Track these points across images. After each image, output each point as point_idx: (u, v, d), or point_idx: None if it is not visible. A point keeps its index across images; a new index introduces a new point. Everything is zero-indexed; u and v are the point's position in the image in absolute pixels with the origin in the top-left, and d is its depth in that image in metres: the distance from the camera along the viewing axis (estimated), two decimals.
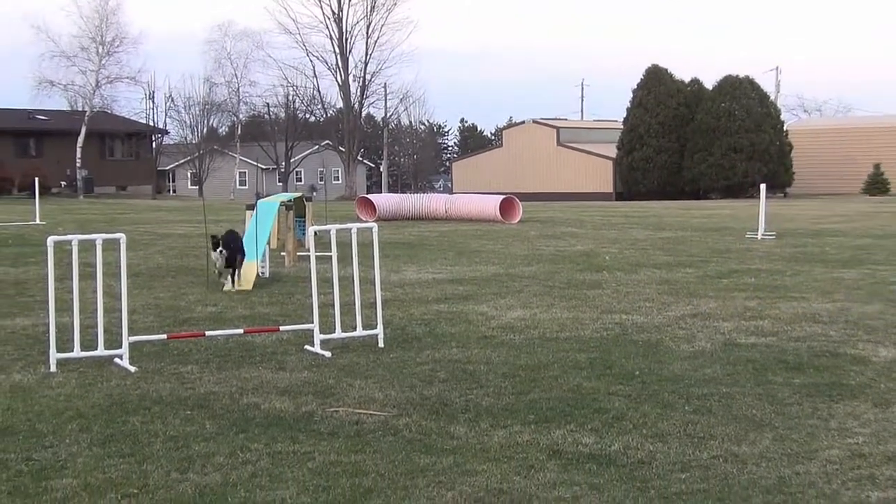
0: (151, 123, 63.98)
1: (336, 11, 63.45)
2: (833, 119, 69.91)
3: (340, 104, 66.31)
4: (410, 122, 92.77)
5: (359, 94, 64.99)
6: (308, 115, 73.45)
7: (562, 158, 61.44)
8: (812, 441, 5.64)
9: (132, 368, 7.55)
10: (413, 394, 6.78)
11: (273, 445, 5.55)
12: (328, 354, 8.09)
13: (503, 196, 26.84)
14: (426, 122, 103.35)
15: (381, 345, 8.44)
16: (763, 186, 22.41)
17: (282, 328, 8.98)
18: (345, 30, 63.57)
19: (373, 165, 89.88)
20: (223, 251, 11.41)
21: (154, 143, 64.96)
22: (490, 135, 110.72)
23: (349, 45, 63.84)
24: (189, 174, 74.60)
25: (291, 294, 11.73)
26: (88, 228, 22.20)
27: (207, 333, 8.67)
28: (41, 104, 55.95)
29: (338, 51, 63.68)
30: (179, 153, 71.13)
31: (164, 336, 8.57)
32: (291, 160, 71.75)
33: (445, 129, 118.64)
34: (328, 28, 63.67)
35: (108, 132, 58.19)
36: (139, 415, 6.25)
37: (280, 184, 70.42)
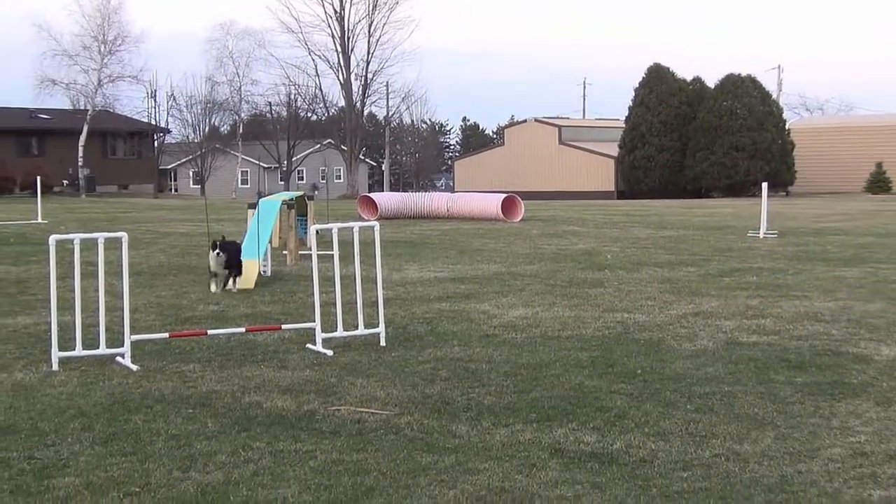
0: (153, 122, 63.93)
1: (338, 10, 63.52)
2: (835, 118, 69.82)
3: (342, 103, 66.39)
4: (412, 121, 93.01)
5: (361, 93, 65.04)
6: (310, 114, 73.56)
7: (563, 157, 61.43)
8: (814, 440, 5.64)
9: (134, 367, 7.56)
10: (415, 392, 6.78)
11: (275, 444, 5.56)
12: (330, 353, 8.10)
13: (505, 195, 26.83)
14: (428, 121, 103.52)
15: (383, 343, 8.44)
16: (765, 185, 22.41)
17: (284, 327, 8.99)
18: (347, 28, 63.63)
19: (375, 164, 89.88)
20: (220, 253, 11.40)
21: (156, 142, 64.96)
22: (492, 133, 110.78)
23: (351, 44, 63.92)
24: (191, 173, 74.64)
25: (293, 293, 11.74)
26: (90, 227, 22.20)
27: (209, 332, 8.68)
28: (43, 103, 56.06)
29: (340, 49, 63.74)
30: (181, 152, 71.16)
31: (166, 335, 8.58)
32: (293, 159, 71.80)
33: (447, 128, 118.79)
34: (330, 27, 63.75)
35: (110, 131, 58.18)
36: (141, 413, 6.26)
37: (282, 182, 70.42)
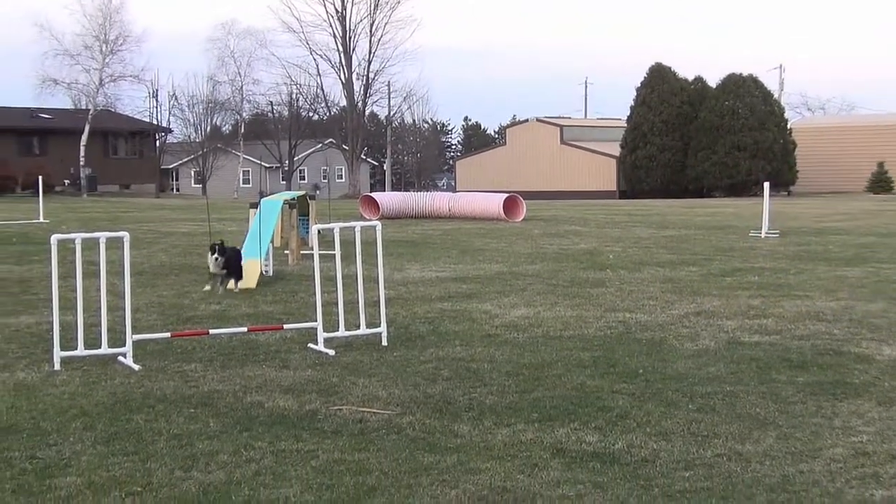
0: (155, 122, 63.94)
1: (340, 10, 63.54)
2: (837, 117, 69.77)
3: (344, 102, 66.41)
4: (414, 121, 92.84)
5: (362, 93, 65.08)
6: (311, 114, 73.53)
7: (565, 157, 61.43)
8: (816, 439, 5.64)
9: (136, 367, 7.56)
10: (417, 392, 6.78)
11: (277, 444, 5.56)
12: (332, 353, 8.10)
13: (507, 194, 26.84)
14: (430, 121, 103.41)
15: (385, 343, 8.44)
16: (766, 185, 22.40)
17: (285, 326, 8.99)
18: (348, 28, 63.66)
19: (376, 164, 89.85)
20: (218, 258, 11.30)
21: (157, 142, 64.99)
22: (493, 133, 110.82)
23: (353, 44, 63.94)
24: (192, 173, 74.60)
25: (295, 292, 11.74)
26: (92, 227, 22.20)
27: (211, 332, 8.69)
28: (45, 102, 56.13)
29: (341, 49, 63.75)
30: (183, 152, 71.15)
31: (168, 334, 8.58)
32: (295, 158, 71.75)
33: (449, 128, 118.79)
34: (332, 26, 63.78)
35: (112, 131, 58.22)
36: (143, 413, 6.26)
37: (283, 182, 70.40)
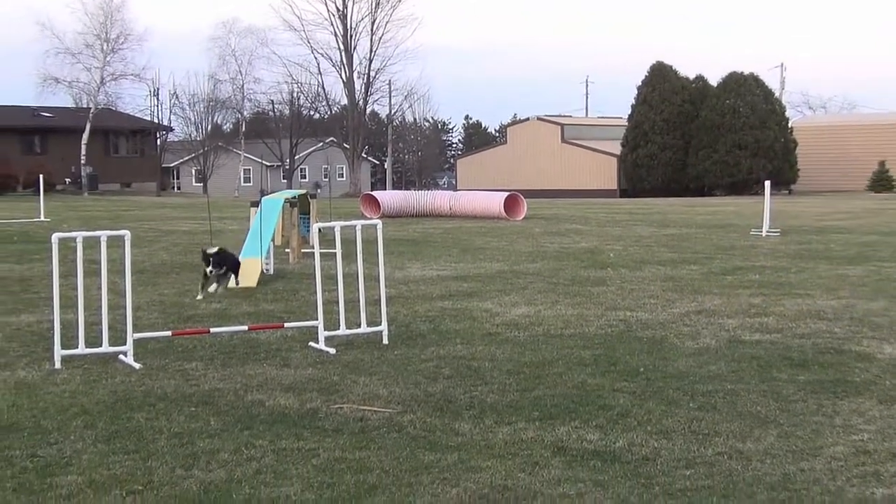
0: (156, 120, 63.91)
1: (341, 8, 63.46)
2: (838, 116, 69.70)
3: (345, 101, 66.32)
4: (415, 119, 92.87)
5: (363, 91, 65.02)
6: (312, 112, 73.44)
7: (566, 155, 61.40)
8: (817, 438, 5.64)
9: (137, 365, 7.57)
10: (417, 390, 6.78)
11: (277, 442, 5.56)
12: (332, 351, 8.10)
13: (507, 193, 26.83)
14: (431, 119, 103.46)
15: (386, 341, 8.45)
16: (767, 183, 22.38)
17: (286, 325, 8.99)
18: (349, 27, 63.58)
19: (377, 162, 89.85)
20: (213, 270, 11.07)
21: (158, 140, 64.99)
22: (494, 132, 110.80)
23: (354, 42, 63.84)
24: (193, 171, 74.55)
25: (296, 291, 11.74)
26: (93, 225, 22.22)
27: (212, 330, 8.70)
28: (46, 101, 56.08)
29: (342, 48, 63.68)
30: (184, 150, 71.14)
31: (169, 333, 8.57)
32: (296, 157, 71.74)
33: (450, 126, 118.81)
34: (333, 25, 63.72)
35: (113, 129, 58.23)
36: (144, 411, 6.26)
37: (284, 181, 70.37)
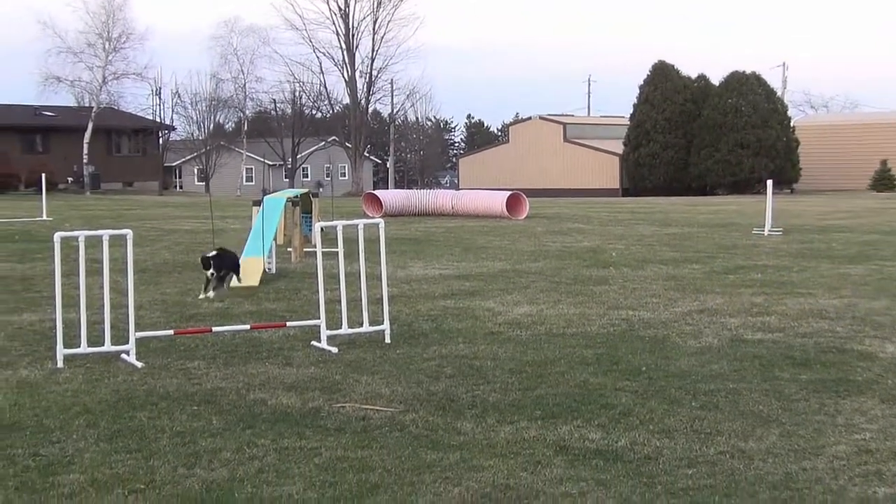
0: (158, 119, 63.92)
1: (342, 7, 63.47)
2: (840, 115, 69.62)
3: (347, 100, 66.29)
4: (417, 119, 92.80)
5: (365, 90, 65.01)
6: (314, 112, 73.44)
7: (568, 154, 61.36)
8: (819, 437, 5.63)
9: (139, 364, 7.57)
10: (420, 389, 6.78)
11: (280, 441, 5.56)
12: (335, 350, 8.10)
13: (510, 192, 26.84)
14: (433, 119, 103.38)
15: (388, 340, 8.45)
16: (769, 182, 22.35)
17: (288, 324, 8.99)
18: (351, 26, 63.58)
19: (379, 161, 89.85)
20: (214, 273, 10.98)
21: (161, 140, 64.98)
22: (496, 131, 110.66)
23: (356, 41, 63.84)
24: (195, 170, 74.56)
25: (298, 290, 11.74)
26: (95, 224, 22.22)
27: (214, 329, 8.70)
28: (48, 100, 56.10)
29: (344, 47, 63.68)
30: (186, 149, 71.19)
31: (171, 332, 8.58)
32: (298, 156, 71.72)
33: (452, 126, 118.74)
34: (335, 24, 63.71)
35: (115, 128, 58.22)
36: (146, 410, 6.27)
37: (286, 180, 70.36)
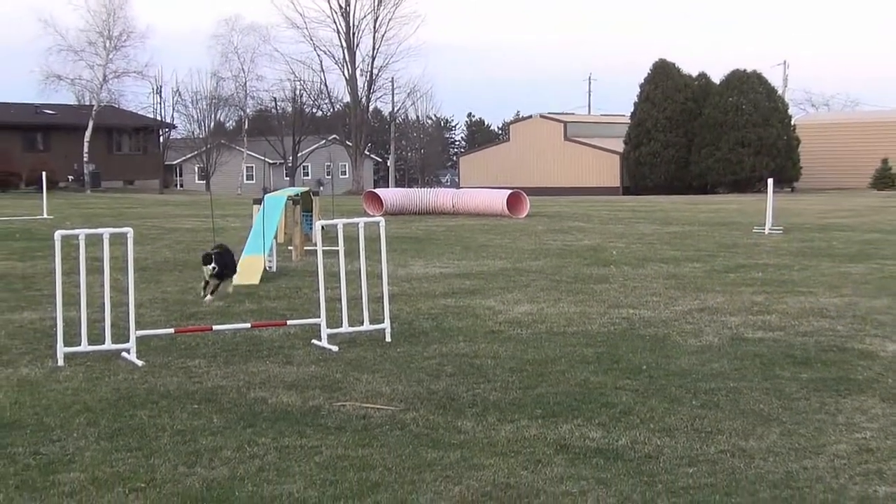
0: (159, 118, 63.89)
1: (343, 6, 63.40)
2: (841, 113, 69.65)
3: (347, 98, 66.25)
4: (418, 117, 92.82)
5: (366, 89, 64.95)
6: (315, 110, 73.43)
7: (569, 153, 61.37)
8: (820, 436, 5.63)
9: (139, 362, 7.57)
10: (420, 388, 6.78)
11: (280, 439, 5.56)
12: (335, 349, 8.10)
13: (510, 191, 26.83)
14: (433, 117, 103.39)
15: (389, 339, 8.44)
16: (770, 181, 22.35)
17: (289, 322, 8.98)
18: (352, 24, 63.54)
19: (380, 160, 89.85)
20: (215, 267, 10.76)
21: (161, 138, 64.96)
22: (497, 129, 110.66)
23: (356, 40, 63.79)
24: (196, 169, 74.59)
25: (298, 288, 11.74)
26: (96, 223, 22.16)
27: (215, 328, 8.70)
28: (48, 98, 56.08)
29: (345, 45, 63.64)
30: (187, 148, 71.19)
31: (172, 330, 8.58)
32: (298, 154, 71.72)
33: (452, 124, 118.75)
34: (335, 22, 63.65)
35: (116, 127, 58.21)
36: (147, 409, 6.27)
37: (287, 178, 70.38)
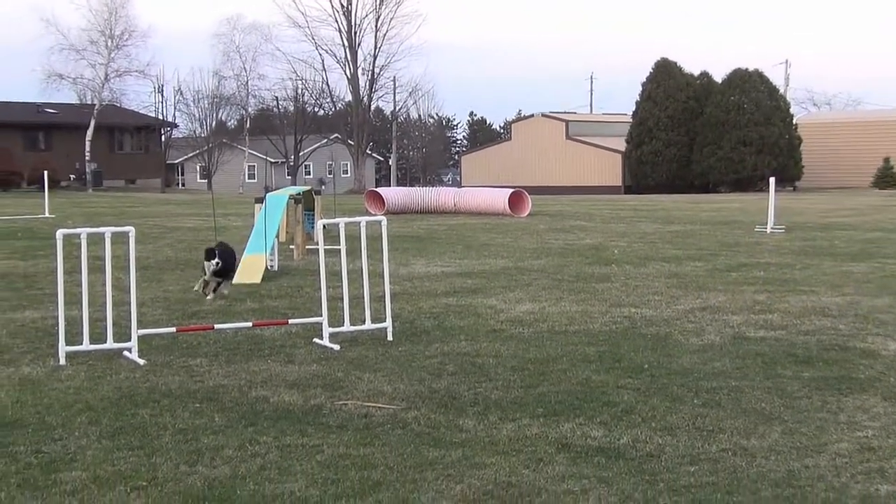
0: (160, 117, 63.89)
1: (345, 5, 63.34)
2: (842, 112, 69.61)
3: (349, 97, 66.20)
4: (419, 116, 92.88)
5: (368, 88, 64.89)
6: (317, 109, 73.41)
7: (571, 152, 61.36)
8: (821, 434, 5.63)
9: (141, 361, 7.57)
10: (422, 387, 6.78)
11: (282, 438, 5.56)
12: (337, 347, 8.10)
13: (512, 189, 26.82)
14: (435, 116, 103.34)
15: (390, 338, 8.44)
16: (772, 180, 22.33)
17: (291, 321, 8.98)
18: (354, 23, 63.47)
19: (382, 159, 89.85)
20: (219, 262, 10.62)
21: (163, 137, 64.96)
22: (499, 128, 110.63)
23: (358, 39, 63.73)
24: (198, 168, 74.60)
25: (300, 287, 11.74)
26: (97, 222, 22.15)
27: (216, 326, 8.70)
28: (50, 97, 56.05)
29: (347, 44, 63.58)
30: (188, 147, 71.18)
31: (173, 329, 8.58)
32: (300, 153, 71.72)
33: (454, 123, 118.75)
34: (337, 21, 63.58)
35: (118, 126, 58.22)
36: (148, 408, 6.27)
37: (289, 177, 70.36)
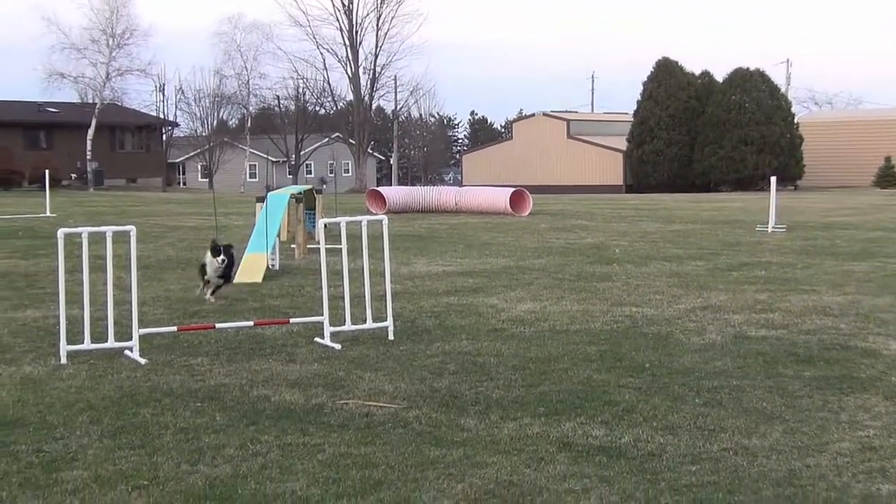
0: (162, 116, 63.95)
1: (346, 3, 63.29)
2: (844, 112, 69.60)
3: (350, 97, 66.22)
4: (420, 115, 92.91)
5: (369, 87, 64.87)
6: (318, 108, 73.42)
7: (572, 151, 61.38)
8: (822, 434, 5.63)
9: (142, 360, 7.57)
10: (423, 386, 6.78)
11: (283, 437, 5.56)
12: (338, 347, 8.10)
13: (513, 189, 26.82)
14: (436, 115, 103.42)
15: (391, 337, 8.44)
16: (773, 179, 22.33)
17: (292, 320, 8.98)
18: (355, 22, 63.47)
19: (383, 158, 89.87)
20: (224, 259, 10.55)
21: (164, 136, 65.01)
22: (500, 127, 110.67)
23: (359, 38, 63.71)
24: (199, 167, 74.60)
25: (301, 286, 11.75)
26: (99, 221, 22.19)
27: (217, 326, 8.70)
28: (51, 97, 56.10)
29: (348, 43, 63.58)
30: (189, 146, 71.16)
31: (175, 328, 8.59)
32: (301, 153, 71.72)
33: (455, 122, 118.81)
34: (338, 20, 63.57)
35: (119, 125, 58.27)
36: (149, 407, 6.27)
37: (290, 176, 70.40)
